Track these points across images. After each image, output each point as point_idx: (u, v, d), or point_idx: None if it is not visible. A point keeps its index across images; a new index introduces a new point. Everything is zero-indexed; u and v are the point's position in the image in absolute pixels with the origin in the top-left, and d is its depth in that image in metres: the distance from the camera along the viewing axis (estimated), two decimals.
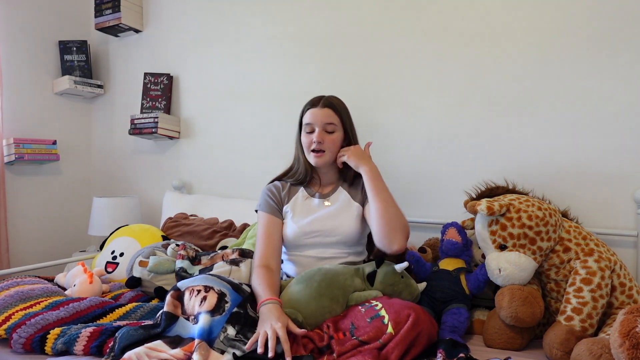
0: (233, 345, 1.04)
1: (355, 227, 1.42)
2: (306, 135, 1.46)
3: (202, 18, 2.47)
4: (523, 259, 1.30)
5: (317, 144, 1.42)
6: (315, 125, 1.44)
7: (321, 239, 1.41)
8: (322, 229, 1.41)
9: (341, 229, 1.41)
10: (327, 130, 1.44)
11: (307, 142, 1.46)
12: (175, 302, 1.17)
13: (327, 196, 1.49)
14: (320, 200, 1.48)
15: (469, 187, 1.61)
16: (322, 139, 1.43)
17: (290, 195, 1.51)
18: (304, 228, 1.41)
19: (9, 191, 2.43)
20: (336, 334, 1.13)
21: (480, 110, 1.81)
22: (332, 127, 1.45)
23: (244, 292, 1.14)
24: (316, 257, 1.42)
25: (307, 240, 1.42)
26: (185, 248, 1.68)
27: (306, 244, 1.42)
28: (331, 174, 1.53)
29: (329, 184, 1.53)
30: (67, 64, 2.64)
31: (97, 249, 2.48)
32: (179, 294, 1.18)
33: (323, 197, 1.49)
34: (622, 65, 1.58)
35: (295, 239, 1.42)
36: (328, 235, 1.41)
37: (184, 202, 2.31)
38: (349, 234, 1.41)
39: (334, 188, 1.51)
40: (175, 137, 2.54)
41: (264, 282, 1.25)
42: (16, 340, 1.20)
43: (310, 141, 1.44)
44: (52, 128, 2.64)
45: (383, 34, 1.99)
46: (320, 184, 1.54)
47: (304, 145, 1.47)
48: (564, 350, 1.17)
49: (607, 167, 1.61)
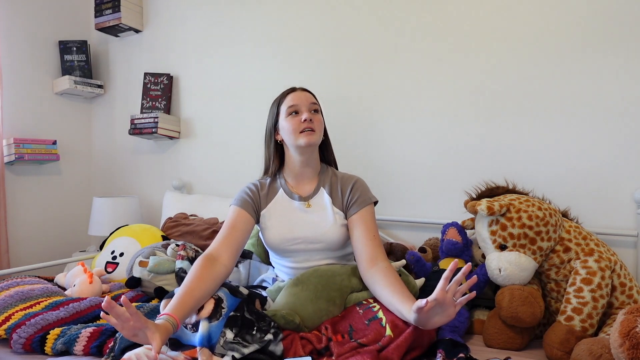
0: (232, 348, 1.04)
1: (340, 235, 1.35)
2: (291, 118, 1.35)
3: (202, 18, 2.47)
4: (523, 259, 1.30)
5: (309, 122, 1.34)
6: (300, 106, 1.36)
7: (305, 246, 1.35)
8: (305, 235, 1.34)
9: (325, 237, 1.34)
10: (313, 109, 1.38)
11: (293, 125, 1.34)
12: None
13: (308, 199, 1.40)
14: (301, 204, 1.39)
15: (469, 187, 1.61)
16: (312, 118, 1.35)
17: (269, 197, 1.41)
18: (285, 235, 1.35)
19: (9, 191, 2.43)
20: (334, 336, 1.13)
21: (480, 110, 1.81)
22: (317, 107, 1.40)
23: (241, 295, 1.14)
24: (302, 262, 1.37)
25: (290, 247, 1.36)
26: (185, 248, 1.68)
27: (290, 250, 1.36)
28: (313, 164, 1.42)
29: (309, 181, 1.43)
30: (67, 64, 2.64)
31: (97, 249, 2.48)
32: None
33: (304, 199, 1.40)
34: (622, 65, 1.58)
35: (278, 245, 1.36)
36: (312, 242, 1.34)
37: (184, 202, 2.31)
38: (332, 241, 1.35)
39: (315, 189, 1.41)
40: (175, 137, 2.54)
41: (185, 287, 1.09)
42: (16, 341, 1.20)
43: (298, 122, 1.34)
44: (52, 128, 2.63)
45: (383, 34, 1.99)
46: (300, 183, 1.43)
47: (288, 131, 1.35)
48: (564, 350, 1.17)
49: (607, 167, 1.61)
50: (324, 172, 1.45)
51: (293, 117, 1.36)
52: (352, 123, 2.06)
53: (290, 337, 1.13)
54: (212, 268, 1.16)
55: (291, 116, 1.36)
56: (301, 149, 1.36)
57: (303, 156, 1.39)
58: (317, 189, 1.41)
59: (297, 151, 1.37)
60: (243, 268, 1.67)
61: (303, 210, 1.38)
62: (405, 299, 1.11)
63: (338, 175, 1.45)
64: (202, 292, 1.09)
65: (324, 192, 1.41)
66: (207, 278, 1.12)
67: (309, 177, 1.43)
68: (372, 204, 1.38)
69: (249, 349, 1.05)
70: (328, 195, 1.40)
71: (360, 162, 2.03)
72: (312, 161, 1.41)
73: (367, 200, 1.37)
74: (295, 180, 1.43)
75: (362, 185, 1.42)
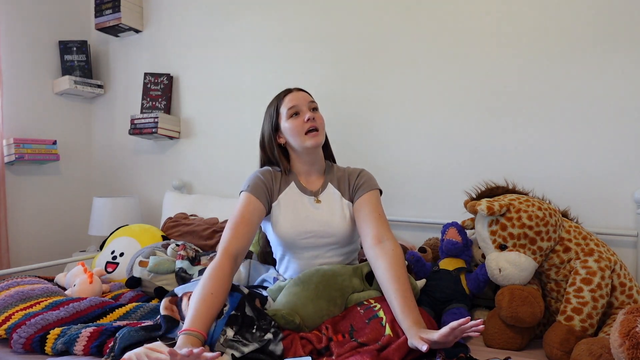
0: (231, 346, 1.04)
1: (350, 228, 1.37)
2: (293, 120, 1.35)
3: (202, 18, 2.47)
4: (523, 259, 1.29)
5: (313, 120, 1.33)
6: (300, 106, 1.36)
7: (315, 240, 1.36)
8: (316, 229, 1.35)
9: (335, 230, 1.35)
10: (313, 108, 1.38)
11: (296, 126, 1.34)
12: (172, 307, 1.17)
13: (318, 194, 1.41)
14: (311, 199, 1.39)
15: (469, 187, 1.61)
16: (314, 116, 1.35)
17: (281, 188, 1.40)
18: (297, 228, 1.35)
19: (9, 191, 2.43)
20: (335, 336, 1.13)
21: (481, 110, 1.81)
22: (316, 105, 1.39)
23: (241, 293, 1.14)
24: (311, 258, 1.38)
25: (301, 241, 1.36)
26: (185, 248, 1.68)
27: (300, 245, 1.37)
28: (319, 162, 1.43)
29: (317, 178, 1.44)
30: (67, 64, 2.64)
31: (97, 249, 2.48)
32: (176, 300, 1.18)
33: (314, 194, 1.41)
34: (623, 65, 1.58)
35: (289, 237, 1.36)
36: (323, 236, 1.36)
37: (184, 202, 2.31)
38: (342, 234, 1.36)
39: (323, 184, 1.43)
40: (175, 137, 2.54)
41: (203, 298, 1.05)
42: (16, 340, 1.20)
43: (301, 122, 1.34)
44: (52, 128, 2.64)
45: (383, 34, 1.99)
46: (308, 180, 1.44)
47: (293, 132, 1.34)
48: (564, 350, 1.17)
49: (607, 167, 1.61)
50: (329, 168, 1.47)
51: (295, 118, 1.36)
52: (352, 123, 2.06)
53: (290, 337, 1.13)
54: (229, 275, 1.14)
55: (293, 117, 1.36)
56: (308, 150, 1.37)
57: (310, 156, 1.40)
58: (325, 185, 1.43)
59: (304, 152, 1.38)
60: (243, 268, 1.67)
61: (313, 206, 1.39)
62: (407, 312, 1.10)
63: (344, 169, 1.48)
64: (223, 299, 1.09)
65: (332, 187, 1.42)
66: (228, 284, 1.12)
67: (316, 174, 1.44)
68: (377, 190, 1.40)
69: (249, 347, 1.05)
70: (336, 189, 1.42)
71: (361, 162, 2.03)
72: (318, 159, 1.43)
73: (373, 186, 1.40)
74: (304, 177, 1.44)
75: (368, 174, 1.44)
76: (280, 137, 1.41)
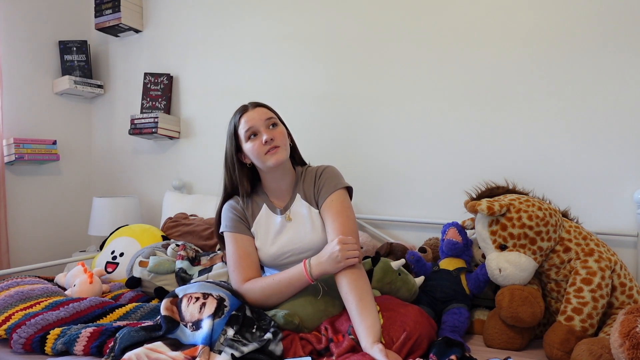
0: (231, 345, 1.04)
1: (325, 238, 1.32)
2: (251, 142, 1.30)
3: (202, 18, 2.47)
4: (523, 259, 1.29)
5: (270, 142, 1.29)
6: (257, 127, 1.31)
7: (295, 257, 1.32)
8: (292, 247, 1.32)
9: (311, 244, 1.31)
10: (270, 125, 1.33)
11: (256, 148, 1.29)
12: (172, 308, 1.17)
13: (287, 209, 1.36)
14: (282, 217, 1.35)
15: (469, 187, 1.61)
16: (272, 135, 1.30)
17: (254, 213, 1.38)
18: (274, 252, 1.33)
19: (9, 191, 2.43)
20: (335, 337, 1.13)
21: (481, 110, 1.81)
22: (274, 121, 1.34)
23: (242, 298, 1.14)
24: None
25: (282, 262, 1.34)
26: (185, 248, 1.68)
27: (283, 264, 1.34)
28: (289, 176, 1.39)
29: (287, 191, 1.39)
30: (67, 64, 2.64)
31: (97, 249, 2.48)
32: (176, 301, 1.18)
33: (283, 211, 1.37)
34: (623, 65, 1.58)
35: (270, 262, 1.35)
36: (301, 252, 1.32)
37: (184, 202, 2.31)
38: (319, 246, 1.30)
39: (292, 197, 1.38)
40: (175, 137, 2.54)
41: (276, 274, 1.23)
42: (16, 341, 1.20)
43: (260, 144, 1.29)
44: (52, 128, 2.63)
45: (383, 34, 1.99)
46: (278, 196, 1.40)
47: (254, 154, 1.31)
48: (564, 350, 1.17)
49: (607, 167, 1.61)
50: (299, 176, 1.41)
51: (253, 140, 1.31)
52: (352, 123, 2.06)
53: (290, 337, 1.13)
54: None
55: (251, 139, 1.31)
56: (272, 169, 1.33)
57: (277, 173, 1.36)
58: (294, 198, 1.38)
59: (270, 170, 1.34)
60: None
61: (285, 225, 1.35)
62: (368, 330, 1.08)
63: (308, 171, 1.42)
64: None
65: (300, 197, 1.37)
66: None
67: (286, 187, 1.39)
68: (343, 189, 1.34)
69: (248, 347, 1.05)
70: (303, 199, 1.37)
71: (361, 162, 2.03)
72: (286, 173, 1.38)
73: (335, 186, 1.33)
74: (274, 194, 1.40)
75: (330, 172, 1.38)
76: (245, 157, 1.37)
